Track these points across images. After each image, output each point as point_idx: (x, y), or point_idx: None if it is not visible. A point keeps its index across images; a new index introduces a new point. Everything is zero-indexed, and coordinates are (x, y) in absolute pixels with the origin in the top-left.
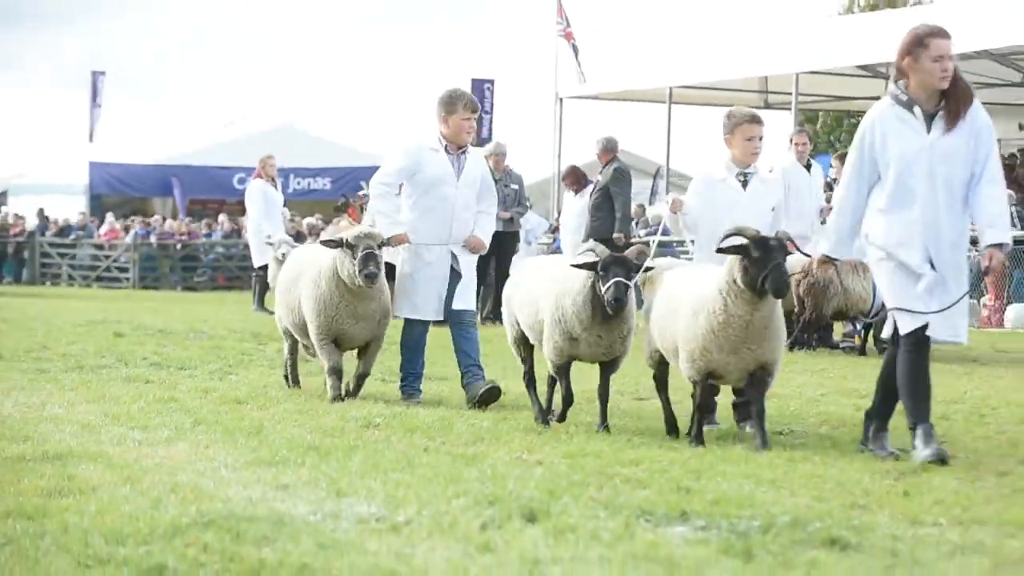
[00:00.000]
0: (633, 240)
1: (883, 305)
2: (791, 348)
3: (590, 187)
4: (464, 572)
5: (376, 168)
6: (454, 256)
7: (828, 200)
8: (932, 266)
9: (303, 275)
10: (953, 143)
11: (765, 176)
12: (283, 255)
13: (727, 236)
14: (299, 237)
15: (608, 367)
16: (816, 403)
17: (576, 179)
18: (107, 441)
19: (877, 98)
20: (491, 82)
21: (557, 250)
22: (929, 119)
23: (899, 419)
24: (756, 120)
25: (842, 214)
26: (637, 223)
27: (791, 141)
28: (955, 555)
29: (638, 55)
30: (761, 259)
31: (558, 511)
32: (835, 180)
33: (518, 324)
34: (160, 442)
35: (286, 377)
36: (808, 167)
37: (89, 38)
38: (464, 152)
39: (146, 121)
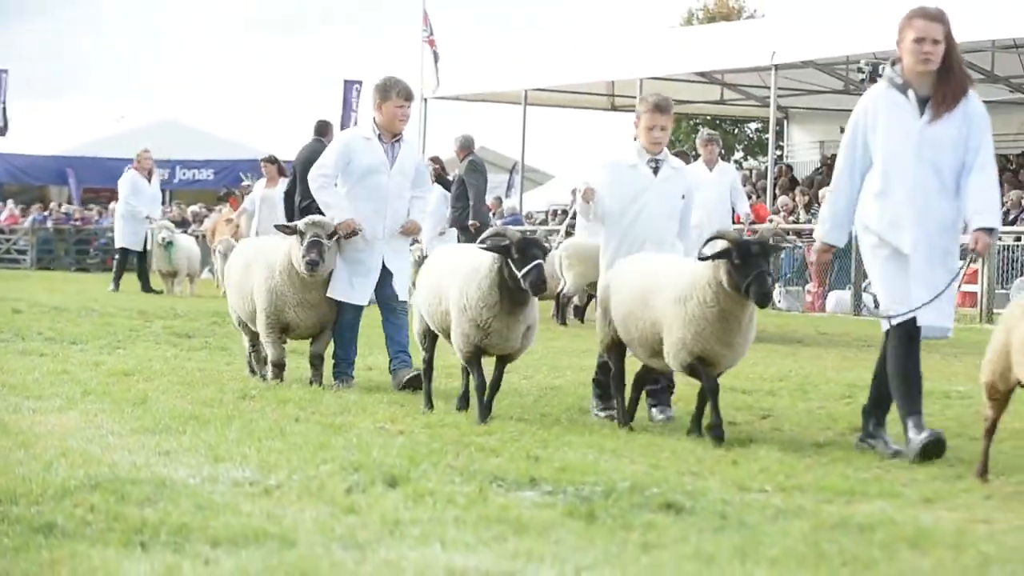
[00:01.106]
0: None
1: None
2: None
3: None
4: (330, 532)
5: (254, 160)
6: (387, 243)
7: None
8: (920, 251)
9: (256, 263)
10: (944, 130)
11: (676, 164)
12: (164, 239)
13: (709, 240)
14: (184, 223)
15: (506, 359)
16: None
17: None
18: (3, 409)
19: (714, 102)
20: (359, 83)
21: None
22: (922, 103)
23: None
24: (658, 109)
25: (836, 199)
26: (495, 213)
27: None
28: (778, 518)
29: (497, 60)
30: (743, 266)
31: (417, 477)
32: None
33: (422, 317)
34: (52, 411)
35: (252, 371)
36: None
37: None
38: (398, 140)
39: (44, 116)
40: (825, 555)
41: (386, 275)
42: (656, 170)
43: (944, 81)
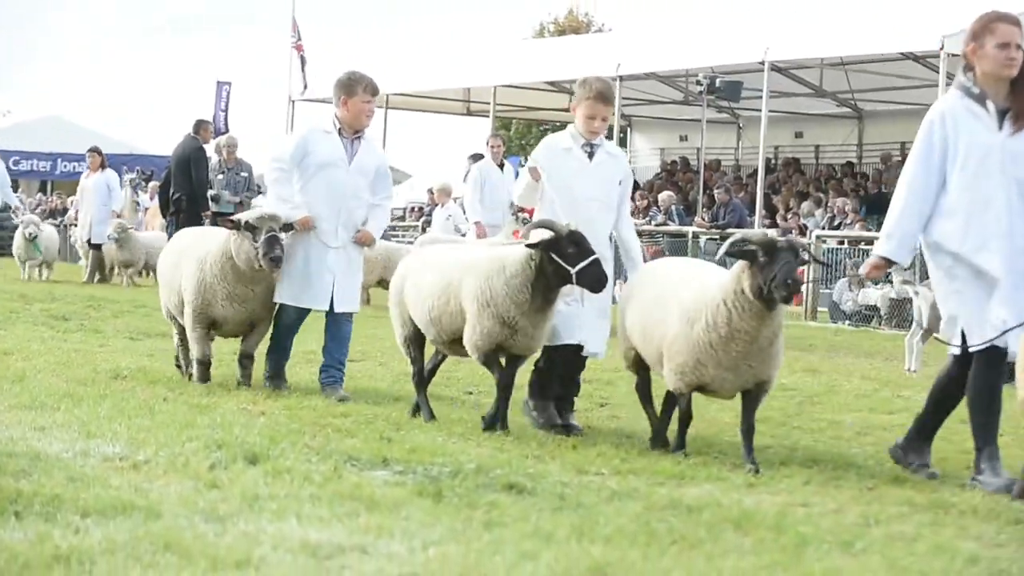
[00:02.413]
0: None
1: None
2: None
3: None
4: (193, 505)
5: (130, 155)
6: (341, 245)
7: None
8: (1008, 273)
9: (186, 255)
10: (1022, 144)
11: (613, 150)
12: (31, 234)
13: (733, 243)
14: (63, 212)
15: (519, 361)
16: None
17: None
18: None
19: (563, 110)
20: (229, 84)
21: None
22: (1001, 115)
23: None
24: (601, 99)
25: (907, 215)
26: None
27: (487, 144)
28: (613, 499)
29: (359, 64)
30: (769, 263)
31: (276, 455)
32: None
33: (411, 321)
34: None
35: (179, 366)
36: (501, 166)
37: None
38: (359, 137)
39: None
40: (656, 534)
41: (337, 280)
42: (591, 155)
43: (1020, 91)
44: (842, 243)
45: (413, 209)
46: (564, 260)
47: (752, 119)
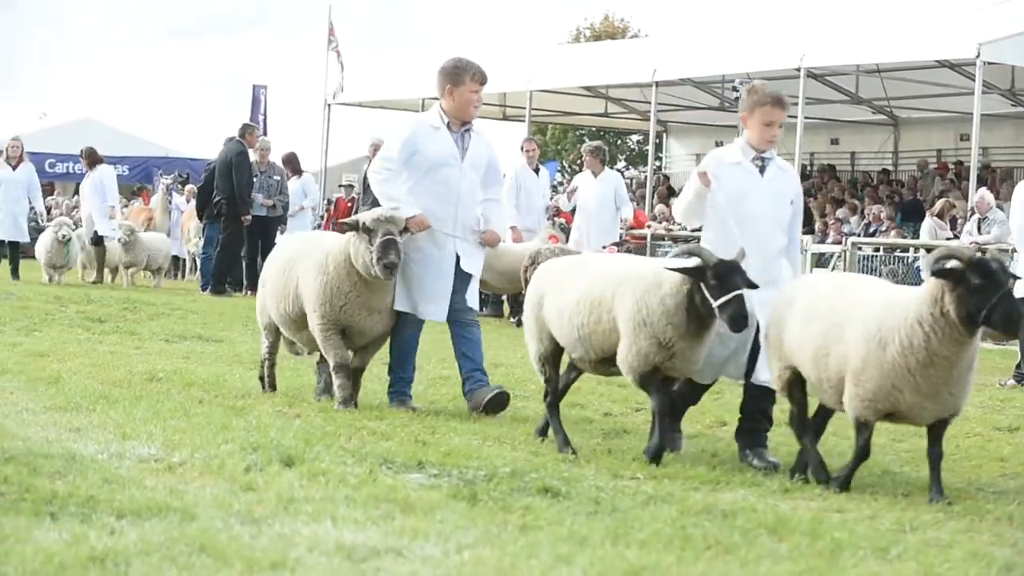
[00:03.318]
0: None
1: None
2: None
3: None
4: (228, 507)
5: (165, 159)
6: (458, 246)
7: (552, 199)
8: None
9: (302, 259)
10: None
11: (783, 164)
12: (64, 236)
13: (940, 259)
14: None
15: (674, 384)
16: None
17: (294, 166)
18: None
19: (599, 115)
20: (265, 87)
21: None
22: None
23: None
24: (779, 104)
25: None
26: None
27: (522, 148)
28: (648, 504)
29: (396, 69)
30: (983, 287)
31: (312, 457)
32: (561, 183)
33: (549, 337)
34: None
35: (261, 379)
36: (536, 171)
37: None
38: (469, 130)
39: None
40: (691, 538)
41: (457, 283)
42: (762, 169)
43: None
44: (877, 250)
45: None
46: (708, 292)
47: (788, 125)
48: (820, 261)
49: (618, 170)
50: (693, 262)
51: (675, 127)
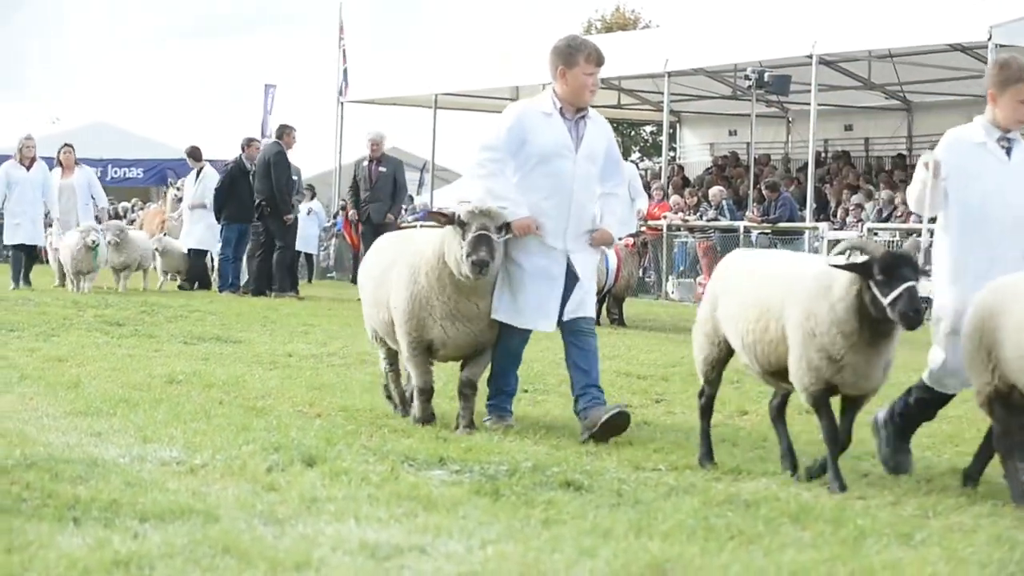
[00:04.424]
0: (404, 224)
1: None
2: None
3: None
4: (251, 508)
5: (180, 160)
6: (571, 246)
7: None
8: None
9: (394, 264)
10: None
11: None
12: (94, 242)
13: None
14: (116, 219)
15: (858, 403)
16: (556, 365)
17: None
18: None
19: (612, 106)
20: (274, 86)
21: (339, 232)
22: None
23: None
24: None
25: None
26: (407, 209)
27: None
28: (670, 495)
29: (408, 65)
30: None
31: (333, 456)
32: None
33: (724, 342)
34: None
35: (389, 397)
36: None
37: None
38: (584, 117)
39: None
40: (714, 529)
41: (569, 288)
42: (1008, 151)
43: None
44: (894, 235)
45: None
46: (877, 289)
47: (801, 113)
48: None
49: (632, 161)
50: (860, 258)
51: (688, 117)
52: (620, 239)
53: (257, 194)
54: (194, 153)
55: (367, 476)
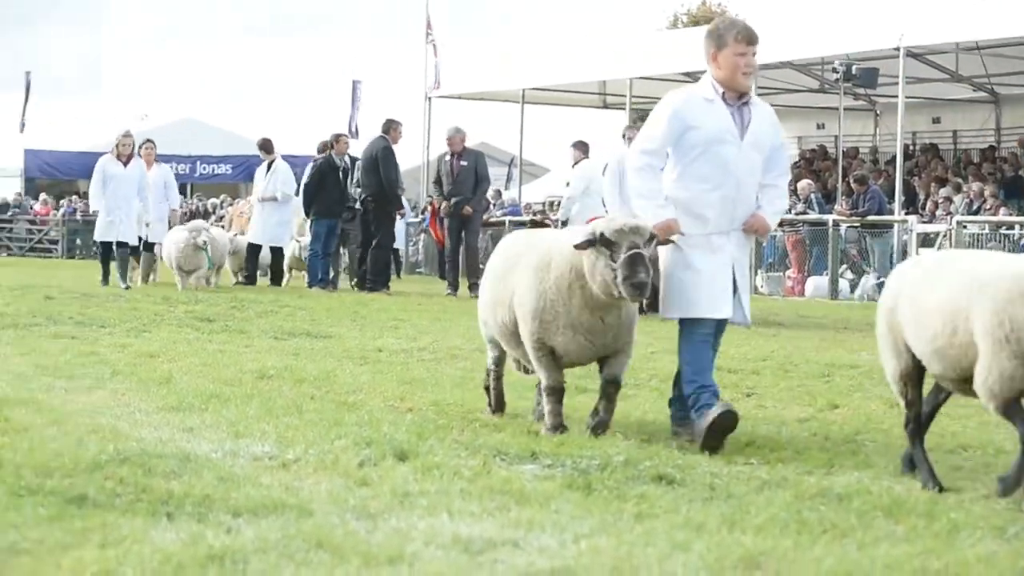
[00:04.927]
0: (492, 218)
1: None
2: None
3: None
4: (344, 503)
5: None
6: (733, 240)
7: None
8: None
9: (521, 264)
10: None
11: None
12: (205, 242)
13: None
14: (205, 215)
15: None
16: (647, 359)
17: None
18: (38, 389)
19: None
20: (360, 82)
21: (426, 228)
22: None
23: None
24: None
25: None
26: (494, 204)
27: (624, 136)
28: (763, 489)
29: (496, 61)
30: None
31: (425, 451)
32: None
33: (907, 349)
34: (83, 390)
35: (490, 404)
36: None
37: (23, 40)
38: (747, 103)
39: (73, 114)
40: (806, 523)
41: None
42: None
43: None
44: (983, 228)
45: (553, 204)
46: None
47: (889, 105)
48: (925, 241)
49: None
50: None
51: (775, 110)
52: None
53: (363, 189)
54: (265, 145)
55: (459, 470)
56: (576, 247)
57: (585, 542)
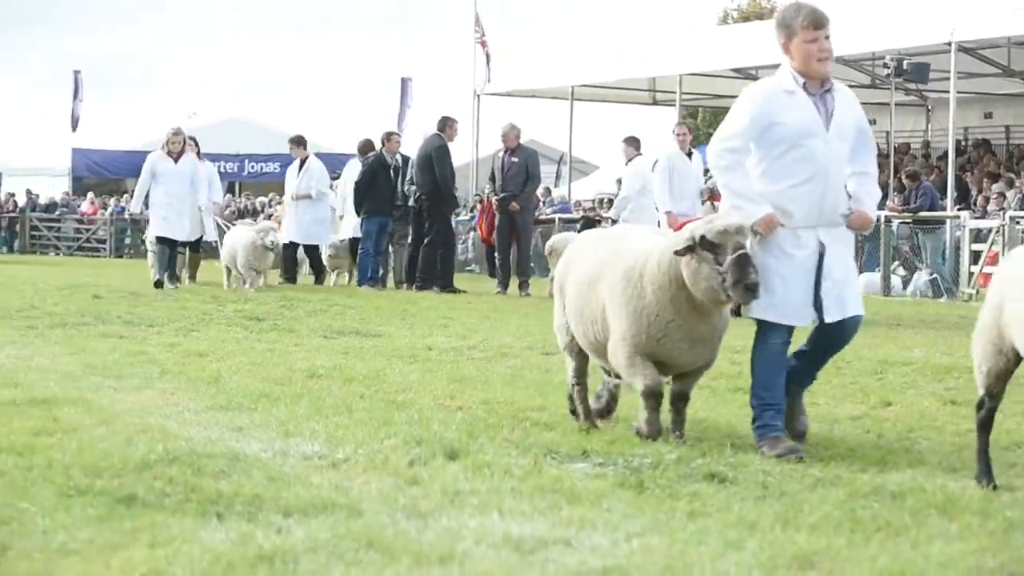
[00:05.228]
0: (542, 216)
1: None
2: None
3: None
4: (394, 502)
5: (316, 155)
6: (825, 237)
7: (705, 183)
8: None
9: (607, 272)
10: None
11: None
12: (274, 243)
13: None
14: (254, 214)
15: None
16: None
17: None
18: (86, 388)
19: None
20: (410, 79)
21: (475, 226)
22: None
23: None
24: None
25: None
26: (544, 202)
27: (674, 132)
28: (816, 487)
29: (545, 57)
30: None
31: (476, 450)
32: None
33: (1012, 349)
34: (132, 389)
35: (573, 412)
36: (689, 155)
37: (72, 40)
38: (829, 90)
39: (121, 112)
40: (860, 521)
41: (824, 279)
42: None
43: None
44: None
45: (603, 201)
46: None
47: (940, 101)
48: (979, 237)
49: None
50: None
51: None
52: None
53: (418, 188)
54: (299, 141)
55: (510, 469)
56: (677, 253)
57: (637, 541)
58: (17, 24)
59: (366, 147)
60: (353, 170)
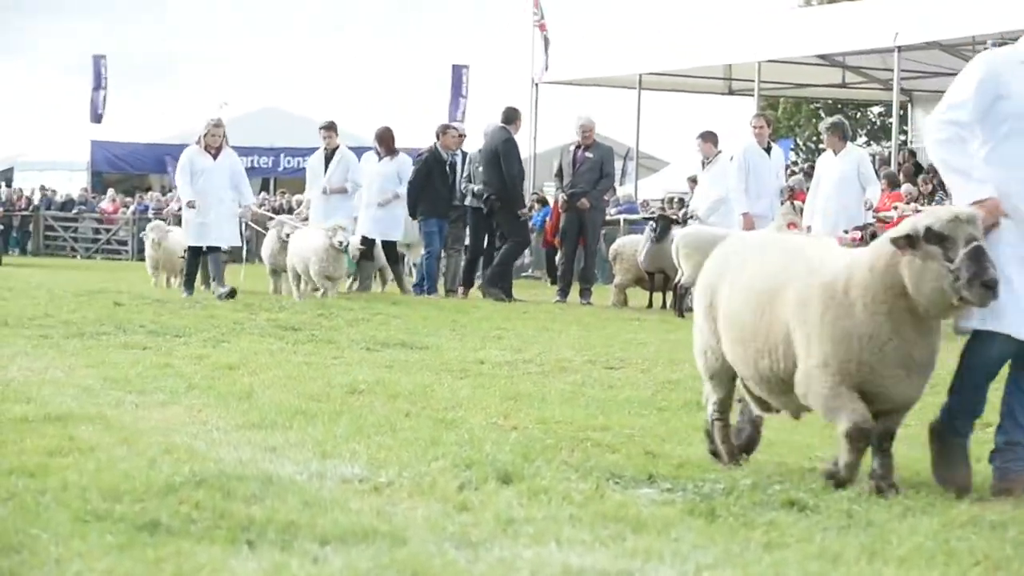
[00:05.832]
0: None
1: None
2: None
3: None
4: (442, 530)
5: (359, 148)
6: None
7: (786, 180)
8: None
9: (787, 291)
10: None
11: None
12: (343, 243)
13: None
14: (289, 212)
15: None
16: None
17: (389, 145)
18: (106, 404)
19: (836, 86)
20: (466, 67)
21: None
22: None
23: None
24: None
25: None
26: (609, 201)
27: (751, 124)
28: (906, 516)
29: (610, 43)
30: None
31: (532, 473)
32: (795, 163)
33: None
34: (156, 405)
35: (714, 453)
36: (768, 150)
37: (91, 25)
38: None
39: (145, 103)
40: (955, 553)
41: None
42: None
43: None
44: None
45: (672, 200)
46: None
47: None
48: None
49: (859, 146)
50: None
51: (921, 96)
52: (846, 232)
53: (485, 187)
54: (331, 127)
55: (569, 495)
56: (893, 242)
57: (708, 573)
58: (32, 6)
59: (385, 136)
60: (369, 163)
